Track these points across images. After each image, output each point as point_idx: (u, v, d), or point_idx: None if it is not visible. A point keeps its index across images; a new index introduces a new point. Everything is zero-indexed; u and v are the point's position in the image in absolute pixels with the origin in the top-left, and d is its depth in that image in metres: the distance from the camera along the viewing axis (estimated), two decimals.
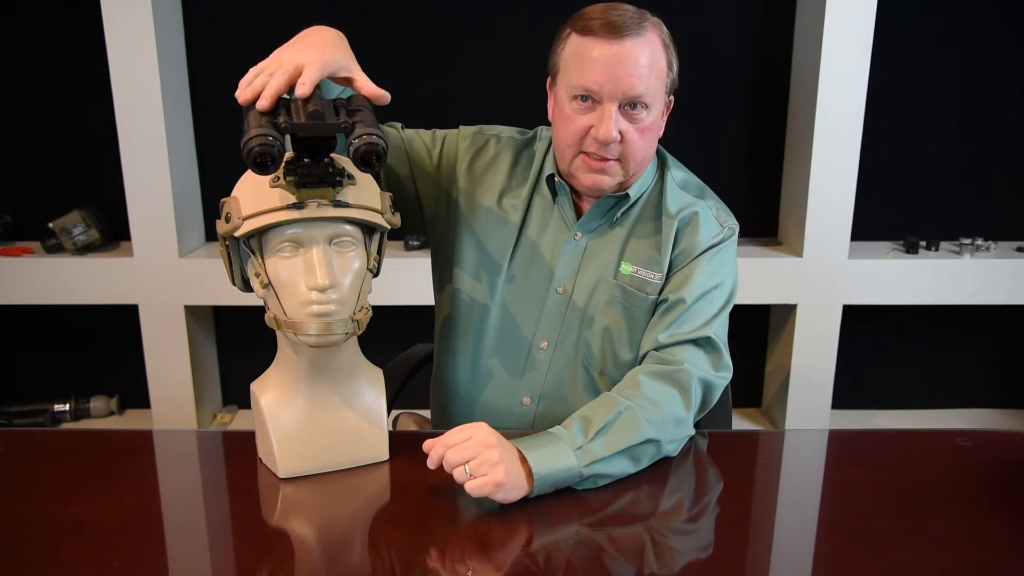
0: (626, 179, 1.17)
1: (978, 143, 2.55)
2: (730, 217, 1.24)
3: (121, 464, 1.08)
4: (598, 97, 1.10)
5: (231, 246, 0.99)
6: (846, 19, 2.23)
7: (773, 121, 2.53)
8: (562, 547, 0.90)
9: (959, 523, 0.94)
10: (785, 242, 2.57)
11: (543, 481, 0.97)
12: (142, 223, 2.36)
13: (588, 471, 0.99)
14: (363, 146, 0.90)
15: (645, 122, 1.12)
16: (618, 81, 1.08)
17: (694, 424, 1.14)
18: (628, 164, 1.14)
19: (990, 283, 2.44)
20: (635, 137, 1.12)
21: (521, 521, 0.94)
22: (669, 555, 0.89)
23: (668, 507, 1.00)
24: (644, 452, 1.05)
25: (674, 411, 1.08)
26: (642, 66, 1.08)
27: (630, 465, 1.04)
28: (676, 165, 1.27)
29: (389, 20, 2.41)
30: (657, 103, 1.13)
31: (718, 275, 1.18)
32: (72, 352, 2.71)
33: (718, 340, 1.15)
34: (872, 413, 2.78)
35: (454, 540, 0.90)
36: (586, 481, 1.00)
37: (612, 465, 1.01)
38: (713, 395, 1.15)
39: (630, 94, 1.09)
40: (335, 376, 1.04)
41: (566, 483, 0.99)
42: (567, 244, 1.22)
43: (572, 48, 1.12)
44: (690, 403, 1.10)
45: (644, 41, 1.09)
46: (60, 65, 2.45)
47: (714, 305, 1.17)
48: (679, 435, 1.10)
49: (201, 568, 0.86)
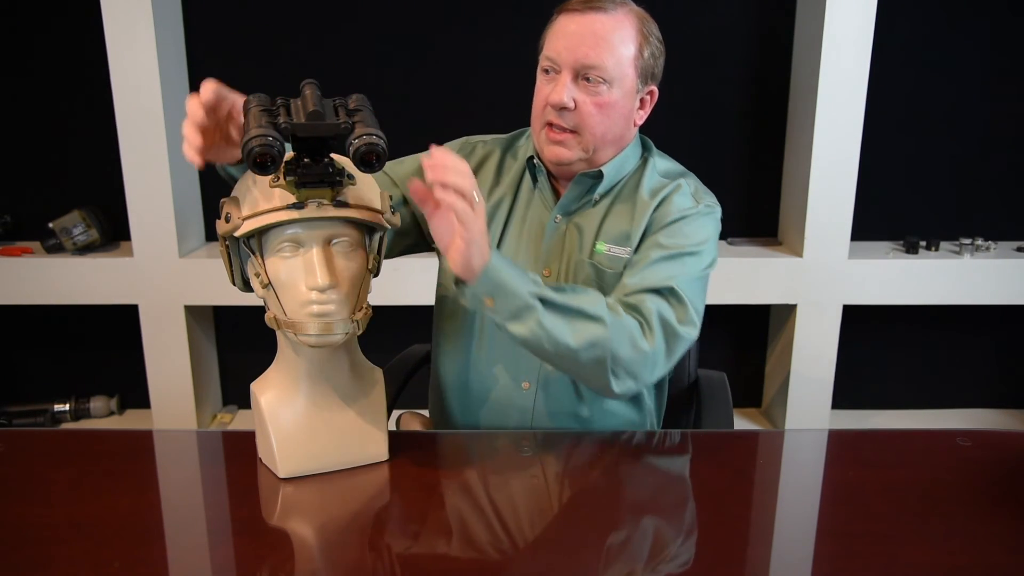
0: (588, 155, 1.18)
1: (978, 143, 2.55)
2: (710, 197, 1.24)
3: (121, 464, 1.08)
4: (557, 67, 1.14)
5: (231, 246, 0.99)
6: (846, 19, 2.24)
7: (773, 121, 2.54)
8: (562, 547, 0.90)
9: (959, 523, 0.94)
10: (785, 242, 2.57)
11: (494, 272, 0.98)
12: (142, 223, 2.36)
13: (533, 297, 1.00)
14: (363, 146, 0.90)
15: (603, 97, 1.14)
16: (574, 49, 1.12)
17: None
18: (585, 137, 1.16)
19: (990, 283, 2.44)
20: (591, 110, 1.14)
21: (521, 521, 0.94)
22: (669, 555, 0.89)
23: (668, 507, 1.00)
24: (588, 331, 1.02)
25: (632, 331, 1.06)
26: (602, 39, 1.12)
27: (569, 332, 1.02)
28: (660, 155, 1.29)
29: (376, 19, 2.42)
30: (621, 83, 1.15)
31: (691, 239, 1.17)
32: (72, 352, 2.71)
33: (683, 293, 1.12)
34: (872, 413, 2.78)
35: (454, 540, 0.90)
36: (524, 315, 1.00)
37: (554, 315, 1.01)
38: (677, 345, 1.11)
39: (584, 63, 1.12)
40: (335, 376, 1.04)
41: (510, 296, 0.99)
42: (548, 227, 1.24)
43: (551, 28, 1.17)
44: (652, 337, 1.07)
45: (611, 19, 1.13)
46: (60, 65, 2.45)
47: (685, 267, 1.15)
48: (634, 359, 1.06)
49: (201, 568, 0.86)
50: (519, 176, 1.28)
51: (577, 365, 1.05)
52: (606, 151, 1.20)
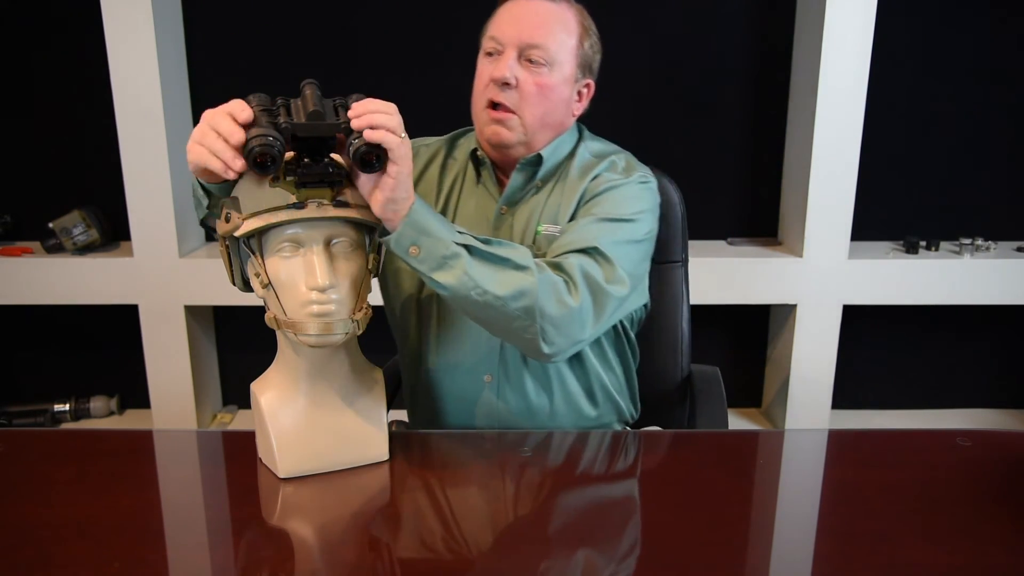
0: (528, 138, 1.20)
1: (978, 143, 2.55)
2: (643, 169, 1.25)
3: (121, 464, 1.08)
4: (501, 45, 1.18)
5: (231, 246, 0.99)
6: (846, 19, 2.23)
7: (773, 121, 2.53)
8: (561, 547, 0.90)
9: (959, 523, 0.94)
10: (785, 242, 2.57)
11: (418, 215, 0.97)
12: (142, 223, 2.36)
13: (458, 245, 0.99)
14: (363, 146, 0.90)
15: (544, 78, 1.17)
16: (520, 28, 1.17)
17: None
18: (525, 117, 1.18)
19: (990, 283, 2.44)
20: (532, 89, 1.17)
21: (520, 521, 0.94)
22: (669, 554, 0.89)
23: (667, 506, 1.00)
24: (515, 280, 1.01)
25: (558, 286, 1.05)
26: (545, 21, 1.17)
27: (496, 280, 1.01)
28: (594, 138, 1.32)
29: (376, 19, 2.41)
30: (561, 67, 1.18)
31: (622, 208, 1.17)
32: (72, 352, 2.71)
33: (609, 253, 1.11)
34: (872, 413, 2.78)
35: (454, 540, 0.90)
36: (450, 263, 0.99)
37: (481, 263, 1.01)
38: (606, 302, 1.10)
39: (528, 42, 1.16)
40: (335, 376, 1.04)
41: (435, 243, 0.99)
42: (493, 219, 1.25)
43: (495, 14, 1.21)
44: (577, 293, 1.06)
45: (555, 7, 1.19)
46: (60, 65, 2.45)
47: (613, 231, 1.14)
48: (562, 315, 1.04)
49: (201, 568, 0.86)
50: (462, 173, 1.30)
51: (506, 318, 1.03)
52: (544, 134, 1.22)
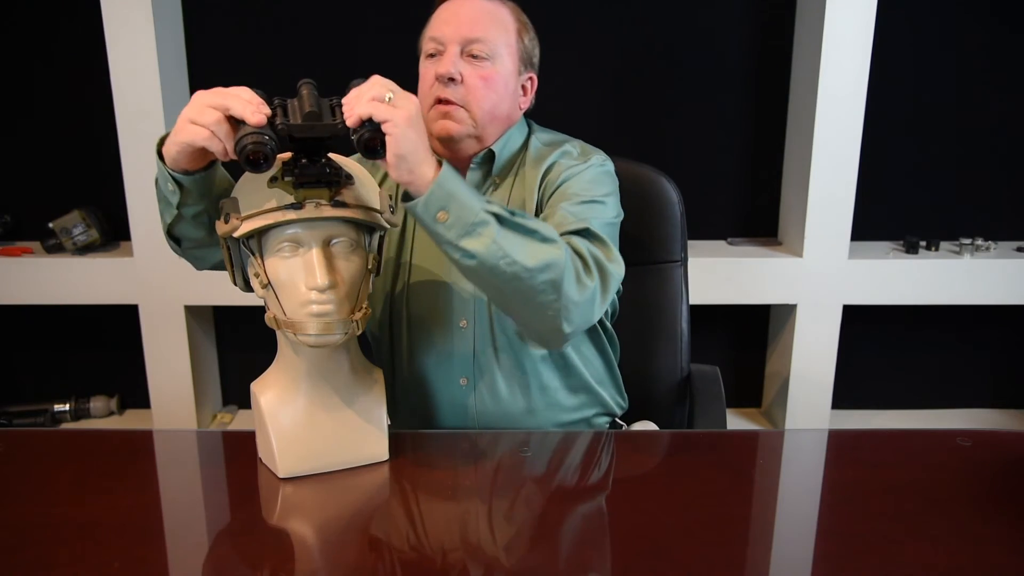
0: (477, 131, 1.20)
1: (977, 143, 2.55)
2: (599, 155, 1.25)
3: (121, 464, 1.08)
4: (442, 45, 1.19)
5: (231, 246, 0.99)
6: (846, 19, 2.23)
7: (773, 121, 2.53)
8: (561, 546, 0.90)
9: (959, 523, 0.94)
10: (785, 242, 2.57)
11: (446, 181, 0.95)
12: (142, 223, 2.36)
13: (487, 212, 0.97)
14: (367, 132, 0.90)
15: (488, 71, 1.19)
16: (459, 25, 1.19)
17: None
18: (473, 110, 1.18)
19: (990, 283, 2.44)
20: (477, 82, 1.18)
21: (521, 521, 0.94)
22: (668, 554, 0.89)
23: (667, 507, 1.00)
24: (543, 252, 0.99)
25: (577, 265, 1.04)
26: (484, 17, 1.19)
27: (526, 250, 0.98)
28: (544, 130, 1.32)
29: (376, 19, 2.41)
30: (503, 60, 1.20)
31: (591, 191, 1.17)
32: (72, 352, 2.71)
33: (601, 233, 1.11)
34: (872, 413, 2.78)
35: (454, 540, 0.90)
36: (479, 230, 0.96)
37: (510, 232, 0.98)
38: (610, 283, 1.09)
39: (468, 36, 1.18)
40: (335, 376, 1.04)
41: (464, 209, 0.96)
42: None
43: (433, 16, 1.23)
44: (591, 274, 1.05)
45: (489, 5, 1.21)
46: (60, 65, 2.45)
47: (595, 212, 1.15)
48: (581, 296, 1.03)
49: (201, 568, 0.86)
50: None
51: (532, 291, 1.00)
52: (494, 127, 1.22)
